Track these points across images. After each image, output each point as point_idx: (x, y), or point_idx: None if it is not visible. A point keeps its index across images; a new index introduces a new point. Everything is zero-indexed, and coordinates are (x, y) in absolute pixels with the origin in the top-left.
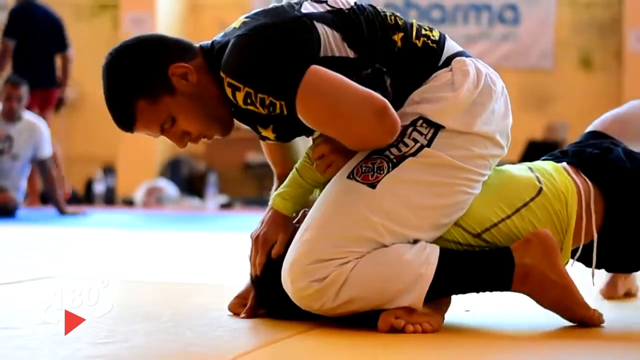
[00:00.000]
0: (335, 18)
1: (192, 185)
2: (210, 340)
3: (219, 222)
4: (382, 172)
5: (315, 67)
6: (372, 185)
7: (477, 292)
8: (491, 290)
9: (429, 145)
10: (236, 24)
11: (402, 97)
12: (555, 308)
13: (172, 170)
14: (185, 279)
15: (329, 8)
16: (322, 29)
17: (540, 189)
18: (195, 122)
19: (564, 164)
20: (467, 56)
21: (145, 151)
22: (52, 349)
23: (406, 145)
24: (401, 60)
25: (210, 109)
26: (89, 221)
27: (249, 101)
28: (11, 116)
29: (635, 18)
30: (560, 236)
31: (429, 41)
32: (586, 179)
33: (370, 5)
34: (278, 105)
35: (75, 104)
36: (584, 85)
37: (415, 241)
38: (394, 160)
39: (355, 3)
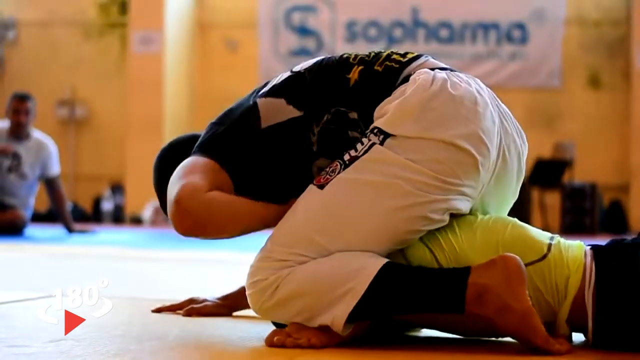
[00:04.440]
0: (285, 85)
1: None
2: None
3: (226, 242)
4: (334, 173)
5: (205, 159)
6: (321, 187)
7: (428, 311)
8: (444, 311)
9: (381, 144)
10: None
11: (371, 122)
12: (513, 335)
13: None
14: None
15: (290, 74)
16: (263, 105)
17: (545, 255)
18: None
19: (587, 247)
20: (442, 69)
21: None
22: None
23: (362, 144)
24: (359, 92)
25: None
26: (97, 239)
27: None
28: (20, 131)
29: None
30: (553, 307)
31: (393, 63)
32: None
33: (339, 55)
34: None
35: (84, 122)
36: (592, 104)
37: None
38: (347, 162)
39: (322, 58)
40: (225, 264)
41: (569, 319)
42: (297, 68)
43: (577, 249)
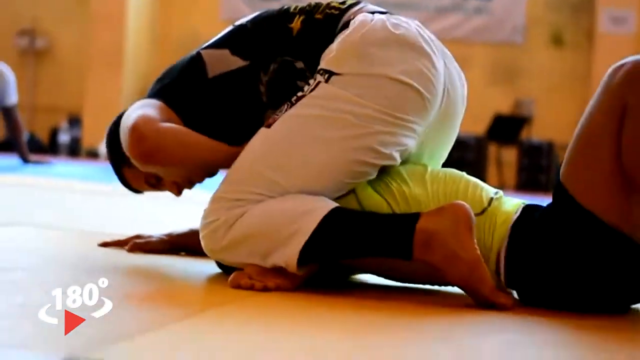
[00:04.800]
0: (228, 37)
1: None
2: (165, 298)
3: None
4: (281, 112)
5: (156, 101)
6: (269, 125)
7: (375, 255)
8: (392, 255)
9: (326, 82)
10: None
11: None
12: (460, 285)
13: None
14: (145, 233)
15: (232, 27)
16: (207, 55)
17: (484, 210)
18: (174, 175)
19: (524, 204)
20: (381, 13)
21: (112, 102)
22: (9, 297)
23: (308, 84)
24: (303, 41)
25: None
26: (53, 171)
27: None
28: None
29: None
30: (484, 259)
31: (332, 10)
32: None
33: (279, 7)
34: None
35: (44, 53)
36: (553, 63)
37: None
38: (294, 102)
39: (264, 11)
40: (180, 202)
41: (496, 271)
42: (239, 22)
43: (513, 205)
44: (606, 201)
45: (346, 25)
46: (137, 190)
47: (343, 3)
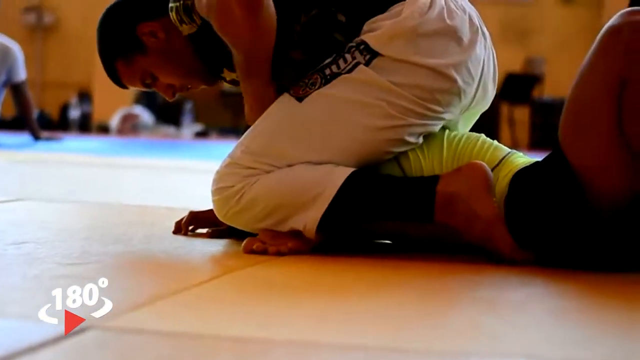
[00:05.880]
0: None
1: (167, 113)
2: (181, 264)
3: (194, 150)
4: (313, 87)
5: None
6: (300, 99)
7: (396, 219)
8: (414, 219)
9: (366, 64)
10: None
11: (358, 32)
12: (481, 244)
13: (148, 97)
14: (159, 204)
15: None
16: None
17: (494, 168)
18: (172, 76)
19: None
20: None
21: None
22: (22, 269)
23: (345, 61)
24: None
25: (184, 62)
26: (64, 147)
27: (178, 18)
28: None
29: None
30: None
31: None
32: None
33: None
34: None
35: (51, 28)
36: (564, 20)
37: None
38: (328, 77)
39: None
40: (190, 172)
41: None
42: None
43: (523, 162)
44: (603, 167)
45: None
46: (123, 86)
47: None
